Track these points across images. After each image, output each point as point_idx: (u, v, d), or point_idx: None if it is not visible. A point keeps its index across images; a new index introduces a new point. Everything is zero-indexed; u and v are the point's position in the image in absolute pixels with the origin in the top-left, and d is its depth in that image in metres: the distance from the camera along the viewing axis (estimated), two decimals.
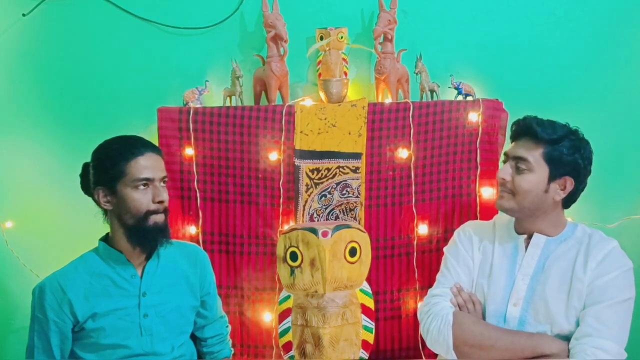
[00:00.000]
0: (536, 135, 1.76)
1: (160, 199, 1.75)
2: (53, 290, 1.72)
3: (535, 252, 1.81)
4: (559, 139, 1.75)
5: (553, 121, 1.81)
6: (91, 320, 1.72)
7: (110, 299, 1.74)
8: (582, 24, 2.41)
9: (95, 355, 1.74)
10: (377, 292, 2.24)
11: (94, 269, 1.76)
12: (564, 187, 1.78)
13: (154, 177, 1.75)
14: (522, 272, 1.81)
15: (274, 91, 2.28)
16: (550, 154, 1.75)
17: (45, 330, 1.72)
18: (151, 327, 1.77)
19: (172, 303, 1.81)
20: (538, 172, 1.76)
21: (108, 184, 1.73)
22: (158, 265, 1.81)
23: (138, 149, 1.74)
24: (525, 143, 1.79)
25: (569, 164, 1.76)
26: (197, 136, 2.24)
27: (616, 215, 2.40)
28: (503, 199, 1.82)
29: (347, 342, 2.06)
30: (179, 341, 1.84)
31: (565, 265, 1.77)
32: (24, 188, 2.48)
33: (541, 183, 1.76)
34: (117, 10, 2.40)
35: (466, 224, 2.02)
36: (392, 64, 2.27)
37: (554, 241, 1.82)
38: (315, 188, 2.25)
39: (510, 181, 1.78)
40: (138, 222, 1.73)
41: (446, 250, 1.99)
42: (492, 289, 1.83)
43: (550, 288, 1.76)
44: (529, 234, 1.85)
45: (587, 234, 1.82)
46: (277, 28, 2.25)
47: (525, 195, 1.77)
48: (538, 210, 1.80)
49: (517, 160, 1.78)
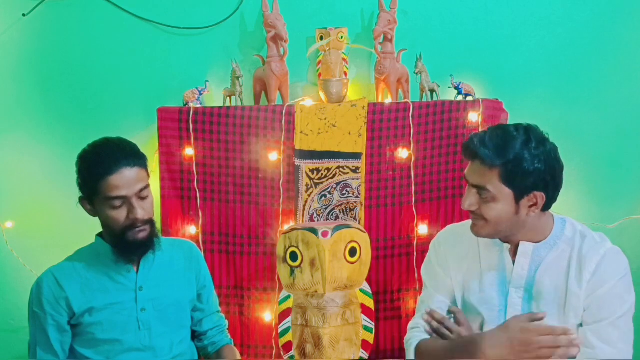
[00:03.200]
0: (486, 162, 1.56)
1: (134, 217, 1.68)
2: (50, 285, 1.73)
3: (524, 261, 1.67)
4: (514, 156, 1.54)
5: (501, 133, 1.59)
6: (88, 315, 1.72)
7: (106, 293, 1.74)
8: (582, 24, 2.41)
9: (94, 351, 1.74)
10: (377, 292, 2.24)
11: (90, 264, 1.77)
12: (534, 202, 1.59)
13: (127, 195, 1.66)
14: (514, 286, 1.67)
15: (274, 91, 2.28)
16: (508, 175, 1.55)
17: (43, 325, 1.72)
18: (149, 321, 1.77)
19: (170, 297, 1.81)
20: (501, 198, 1.57)
21: (88, 197, 1.72)
22: (154, 260, 1.81)
23: (109, 167, 1.65)
24: (478, 169, 1.59)
25: (532, 177, 1.55)
26: (197, 136, 2.24)
27: (616, 215, 2.40)
28: (477, 227, 1.65)
29: (347, 342, 2.06)
30: (178, 337, 1.84)
31: (558, 276, 1.64)
32: (24, 188, 2.48)
33: (508, 207, 1.58)
34: (117, 10, 2.40)
35: (443, 233, 1.86)
36: (392, 64, 2.27)
37: (543, 247, 1.66)
38: (315, 188, 2.25)
39: (478, 209, 1.61)
40: (119, 236, 1.71)
41: (423, 269, 1.87)
42: (486, 306, 1.70)
43: (546, 302, 1.64)
44: (514, 244, 1.69)
45: (578, 232, 1.67)
46: (277, 28, 2.25)
47: (498, 221, 1.60)
48: (517, 228, 1.64)
49: (477, 189, 1.60)
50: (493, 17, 2.40)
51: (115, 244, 1.73)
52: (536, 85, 2.42)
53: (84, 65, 2.44)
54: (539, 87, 2.42)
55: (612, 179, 2.45)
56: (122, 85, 2.44)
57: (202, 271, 1.93)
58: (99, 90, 2.44)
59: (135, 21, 2.41)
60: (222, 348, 1.96)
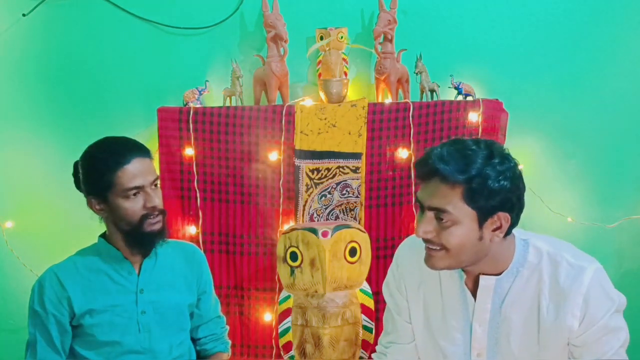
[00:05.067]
0: (447, 179, 1.36)
1: (152, 205, 1.70)
2: (52, 284, 1.73)
3: (486, 296, 1.48)
4: (477, 172, 1.35)
5: (461, 148, 1.39)
6: (89, 316, 1.72)
7: (107, 295, 1.74)
8: (582, 23, 2.41)
9: (94, 352, 1.75)
10: (377, 292, 2.24)
11: (92, 265, 1.77)
12: (499, 225, 1.40)
13: (144, 184, 1.69)
14: (477, 321, 1.50)
15: (274, 91, 2.28)
16: (472, 193, 1.35)
17: (45, 323, 1.72)
18: (149, 323, 1.77)
19: (170, 300, 1.81)
20: (464, 221, 1.37)
21: (99, 194, 1.71)
22: (156, 263, 1.81)
23: (124, 157, 1.68)
24: (437, 189, 1.38)
25: (498, 196, 1.36)
26: (197, 136, 2.24)
27: (616, 215, 2.40)
28: (434, 258, 1.43)
29: (347, 342, 2.06)
30: (178, 339, 1.84)
31: (528, 309, 1.47)
32: (24, 188, 2.48)
33: (471, 232, 1.38)
34: (117, 10, 2.40)
35: (402, 250, 1.66)
36: (392, 64, 2.27)
37: (506, 277, 1.47)
38: (315, 188, 2.25)
39: (435, 236, 1.40)
40: (134, 228, 1.71)
41: (383, 288, 1.71)
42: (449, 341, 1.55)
43: (515, 337, 1.48)
44: (472, 275, 1.50)
45: (545, 256, 1.47)
46: (277, 28, 2.25)
47: (460, 250, 1.40)
48: (479, 257, 1.44)
49: (436, 212, 1.39)
50: (493, 17, 2.40)
51: (129, 236, 1.73)
52: (536, 85, 2.41)
53: (84, 66, 2.44)
54: (539, 87, 2.42)
55: (612, 179, 2.45)
56: (123, 85, 2.44)
57: (203, 276, 1.92)
58: (99, 90, 2.45)
59: (135, 21, 2.41)
60: (210, 357, 1.95)
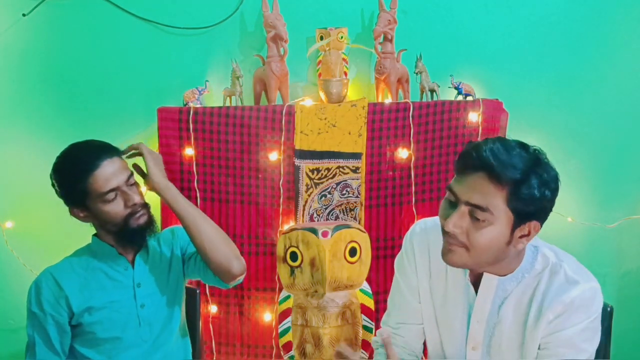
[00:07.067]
0: (498, 177, 1.29)
1: (132, 203, 1.70)
2: (49, 285, 1.73)
3: (487, 294, 1.47)
4: (526, 176, 1.29)
5: (513, 147, 1.33)
6: (87, 314, 1.73)
7: (105, 292, 1.75)
8: (582, 23, 2.41)
9: (95, 350, 1.75)
10: (377, 292, 2.24)
11: (88, 264, 1.77)
12: (527, 232, 1.35)
13: (118, 185, 1.68)
14: (476, 317, 1.49)
15: (274, 91, 2.28)
16: (517, 198, 1.30)
17: (43, 325, 1.73)
18: (149, 316, 1.77)
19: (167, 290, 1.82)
20: (500, 223, 1.32)
21: (78, 203, 1.71)
22: (149, 256, 1.82)
23: (91, 163, 1.65)
24: (481, 185, 1.31)
25: (538, 203, 1.31)
26: (197, 136, 2.24)
27: (616, 215, 2.40)
28: (455, 254, 1.37)
29: (347, 342, 2.06)
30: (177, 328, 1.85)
31: (520, 314, 1.46)
32: (24, 188, 2.47)
33: (503, 236, 1.33)
34: (117, 10, 2.40)
35: (416, 227, 1.63)
36: (392, 64, 2.27)
37: (510, 280, 1.45)
38: (315, 188, 2.25)
39: (462, 233, 1.34)
40: (121, 228, 1.72)
41: (396, 265, 1.65)
42: (447, 328, 1.54)
43: (506, 340, 1.48)
44: (476, 271, 1.48)
45: (549, 267, 1.44)
46: (277, 28, 2.25)
47: (484, 251, 1.35)
48: (497, 260, 1.41)
49: (473, 209, 1.32)
50: (493, 17, 2.40)
51: (118, 235, 1.74)
52: (536, 85, 2.42)
53: (84, 66, 2.44)
54: (539, 87, 2.42)
55: (612, 179, 2.45)
56: (122, 85, 2.43)
57: (180, 242, 1.89)
58: (99, 90, 2.44)
59: (135, 21, 2.41)
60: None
